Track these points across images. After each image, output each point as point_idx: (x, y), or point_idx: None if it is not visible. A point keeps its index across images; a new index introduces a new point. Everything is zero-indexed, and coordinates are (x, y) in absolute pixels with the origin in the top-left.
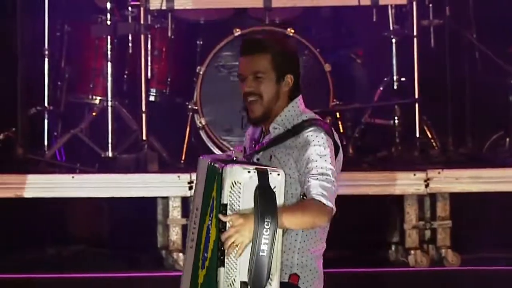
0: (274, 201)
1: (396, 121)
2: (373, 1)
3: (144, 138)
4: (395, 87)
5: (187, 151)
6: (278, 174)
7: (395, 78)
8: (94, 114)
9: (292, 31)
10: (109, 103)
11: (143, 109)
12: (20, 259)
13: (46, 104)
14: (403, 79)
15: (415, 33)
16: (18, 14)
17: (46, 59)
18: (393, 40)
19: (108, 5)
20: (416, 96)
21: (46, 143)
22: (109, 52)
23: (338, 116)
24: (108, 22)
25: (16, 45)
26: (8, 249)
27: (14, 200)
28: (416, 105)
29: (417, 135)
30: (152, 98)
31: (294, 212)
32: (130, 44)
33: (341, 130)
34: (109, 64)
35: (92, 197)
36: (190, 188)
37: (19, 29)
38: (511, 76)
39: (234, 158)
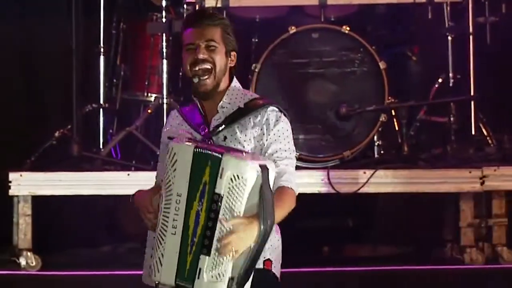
0: (273, 201)
1: (452, 119)
2: None
3: None
4: (451, 84)
5: None
6: (272, 170)
7: (450, 75)
8: (149, 111)
9: (348, 28)
10: (164, 101)
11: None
12: (75, 257)
13: (101, 102)
14: (458, 76)
15: (471, 30)
16: (73, 12)
17: (102, 57)
18: (449, 37)
19: (164, 3)
20: (472, 93)
21: (101, 140)
22: (164, 50)
23: (393, 113)
24: (164, 20)
25: (72, 43)
26: (63, 246)
27: (70, 197)
28: (472, 102)
29: (473, 132)
30: None
31: (283, 208)
32: None
33: (396, 128)
34: (164, 61)
35: None
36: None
37: (75, 27)
38: None
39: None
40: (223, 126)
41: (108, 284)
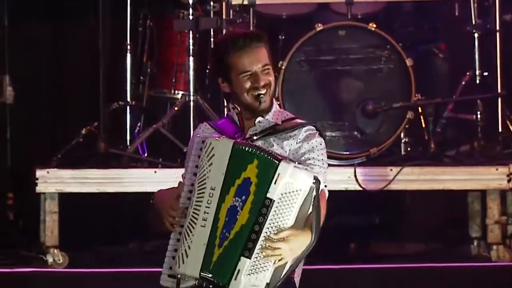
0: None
1: (479, 116)
2: None
3: None
4: (478, 81)
5: None
6: (322, 183)
7: (477, 72)
8: (176, 108)
9: (374, 25)
10: (191, 98)
11: (225, 103)
12: (102, 254)
13: (128, 99)
14: (485, 73)
15: (498, 28)
16: (100, 9)
17: (129, 54)
18: (476, 35)
19: (190, 0)
20: (499, 91)
21: (128, 137)
22: (191, 47)
23: (420, 110)
24: (190, 17)
25: (99, 40)
26: (90, 243)
27: (97, 194)
28: (499, 100)
29: (500, 129)
30: None
31: (323, 217)
32: (212, 39)
33: (423, 125)
34: (191, 59)
35: None
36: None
37: (102, 25)
38: None
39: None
40: (259, 136)
41: (134, 281)
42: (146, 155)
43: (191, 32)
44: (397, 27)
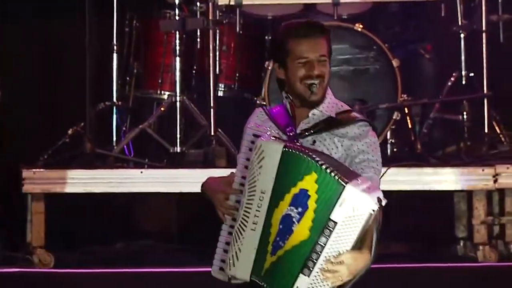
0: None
1: (465, 116)
2: None
3: (212, 133)
4: (464, 82)
5: None
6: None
7: (463, 73)
8: (162, 109)
9: (361, 26)
10: (178, 98)
11: (211, 104)
12: (89, 254)
13: (114, 100)
14: (471, 74)
15: (484, 28)
16: (86, 10)
17: (115, 55)
18: (462, 35)
19: (177, 0)
20: (485, 91)
21: (114, 138)
22: (177, 48)
23: (406, 111)
24: (177, 18)
25: (85, 40)
26: (77, 244)
27: (83, 195)
28: (485, 100)
29: (486, 130)
30: (220, 93)
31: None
32: (198, 40)
33: (409, 126)
34: (177, 59)
35: (161, 192)
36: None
37: (88, 25)
38: None
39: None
40: (311, 131)
41: (121, 282)
42: (132, 155)
43: (177, 32)
44: (384, 28)
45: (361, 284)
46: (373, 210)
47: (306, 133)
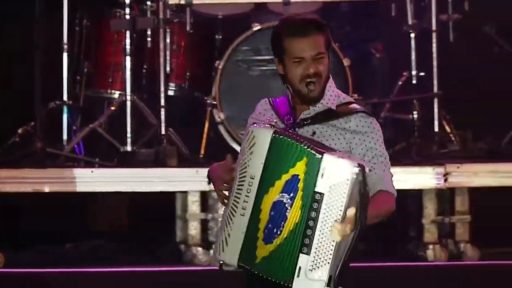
0: (369, 202)
1: (415, 116)
2: None
3: (163, 132)
4: (414, 81)
5: (206, 146)
6: (366, 169)
7: (414, 72)
8: (113, 108)
9: None
10: (128, 98)
11: (162, 103)
12: (39, 254)
13: (65, 99)
14: (422, 73)
15: (434, 28)
16: (36, 9)
17: (65, 54)
18: (412, 35)
19: (127, 0)
20: (435, 91)
21: (65, 137)
22: (128, 47)
23: None
24: (127, 17)
25: (34, 39)
26: (27, 244)
27: (33, 194)
28: (435, 100)
29: (436, 129)
30: (171, 93)
31: (378, 214)
32: (149, 39)
33: None
34: (127, 58)
35: (111, 191)
36: (209, 182)
37: (37, 23)
38: None
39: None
40: (309, 121)
41: (71, 281)
42: (83, 154)
43: (127, 31)
44: (334, 27)
45: None
46: (356, 174)
47: (304, 123)
